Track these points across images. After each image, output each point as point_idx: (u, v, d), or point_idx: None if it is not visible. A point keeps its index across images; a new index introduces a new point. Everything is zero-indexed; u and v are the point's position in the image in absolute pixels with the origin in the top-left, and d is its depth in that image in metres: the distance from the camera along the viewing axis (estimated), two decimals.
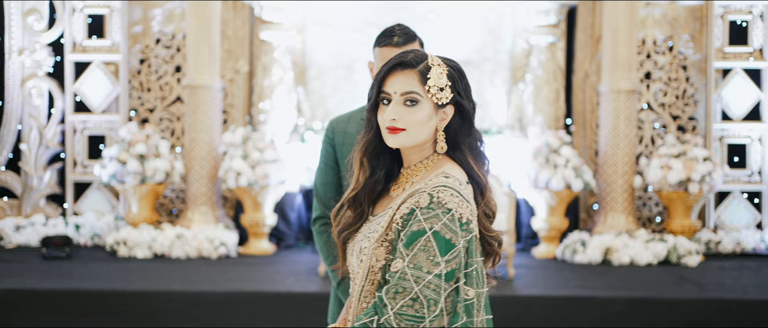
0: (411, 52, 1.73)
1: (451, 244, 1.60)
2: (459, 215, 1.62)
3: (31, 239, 6.59)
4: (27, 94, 6.99)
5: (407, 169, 1.77)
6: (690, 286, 5.19)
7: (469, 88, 1.76)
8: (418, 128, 1.69)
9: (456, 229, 1.61)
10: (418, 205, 1.62)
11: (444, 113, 1.72)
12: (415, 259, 1.59)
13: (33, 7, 6.98)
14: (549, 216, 6.45)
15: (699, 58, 6.94)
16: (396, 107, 1.70)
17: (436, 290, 1.58)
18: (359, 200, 1.78)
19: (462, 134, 1.74)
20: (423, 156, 1.75)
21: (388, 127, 1.70)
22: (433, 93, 1.69)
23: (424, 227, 1.60)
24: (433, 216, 1.60)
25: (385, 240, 1.68)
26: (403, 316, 1.57)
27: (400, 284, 1.58)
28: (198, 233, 6.21)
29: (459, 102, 1.73)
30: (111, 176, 6.34)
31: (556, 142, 6.43)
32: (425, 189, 1.64)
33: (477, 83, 7.03)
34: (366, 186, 1.78)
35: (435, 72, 1.70)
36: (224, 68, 6.93)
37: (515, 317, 4.66)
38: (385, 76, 1.72)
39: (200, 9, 6.52)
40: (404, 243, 1.61)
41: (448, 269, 1.60)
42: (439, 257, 1.59)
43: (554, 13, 6.90)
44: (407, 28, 2.36)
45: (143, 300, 4.80)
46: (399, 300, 1.58)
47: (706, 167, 6.24)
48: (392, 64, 1.72)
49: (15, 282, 5.06)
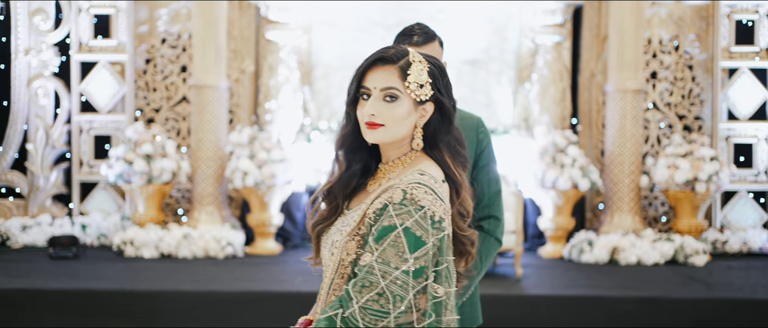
0: (392, 47, 1.72)
1: (422, 241, 1.59)
2: (432, 213, 1.61)
3: (37, 239, 6.59)
4: (33, 94, 7.00)
5: (385, 164, 1.76)
6: (698, 285, 5.18)
7: (449, 87, 1.75)
8: (397, 124, 1.68)
9: (427, 226, 1.60)
10: (391, 200, 1.61)
11: (424, 110, 1.71)
12: (383, 254, 1.58)
13: (39, 7, 6.99)
14: (555, 216, 6.45)
15: (705, 57, 6.93)
16: (375, 103, 1.68)
17: (402, 287, 1.57)
18: (334, 194, 1.77)
19: (441, 132, 1.73)
20: (401, 152, 1.74)
21: (367, 123, 1.69)
22: (413, 89, 1.68)
23: (396, 222, 1.59)
24: (405, 212, 1.59)
25: (356, 234, 1.67)
26: (368, 310, 1.56)
27: (367, 278, 1.57)
28: (205, 233, 6.21)
29: (439, 100, 1.72)
30: (118, 176, 6.34)
31: (562, 141, 6.43)
32: (399, 185, 1.63)
33: (483, 83, 7.03)
34: (341, 180, 1.77)
35: (415, 68, 1.69)
36: (230, 68, 6.93)
37: (524, 316, 4.66)
38: (365, 71, 1.71)
39: (206, 9, 6.52)
40: (374, 238, 1.60)
41: (417, 266, 1.58)
42: (408, 254, 1.57)
43: (560, 13, 6.90)
44: (427, 28, 2.35)
45: (151, 300, 4.79)
46: (365, 294, 1.56)
47: (713, 167, 6.23)
48: (372, 59, 1.71)
49: (23, 282, 5.06)
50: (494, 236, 2.34)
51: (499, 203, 2.36)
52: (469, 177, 2.36)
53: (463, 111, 2.44)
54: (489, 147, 2.38)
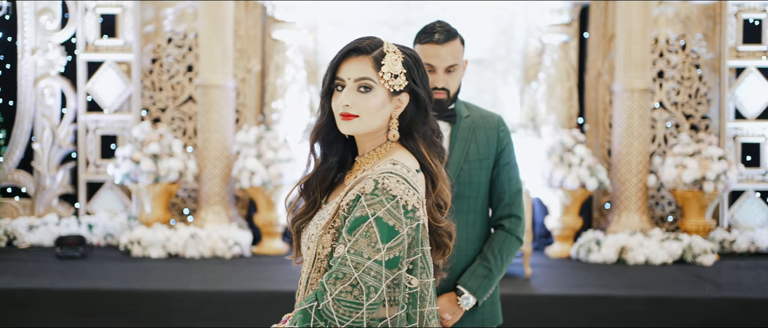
0: (367, 38, 1.72)
1: (395, 231, 1.57)
2: (404, 202, 1.59)
3: (44, 239, 6.59)
4: (39, 93, 6.99)
5: (361, 157, 1.75)
6: (708, 285, 5.17)
7: (425, 77, 1.74)
8: (372, 115, 1.67)
9: (400, 216, 1.58)
10: (363, 191, 1.60)
11: (399, 101, 1.70)
12: (356, 245, 1.56)
13: (45, 6, 6.98)
14: (563, 215, 6.44)
15: (712, 56, 6.92)
16: (349, 94, 1.68)
17: (376, 277, 1.55)
18: (311, 188, 1.77)
19: (417, 123, 1.72)
20: (377, 144, 1.73)
21: (342, 114, 1.68)
22: (387, 79, 1.67)
23: (367, 212, 1.57)
24: (376, 202, 1.58)
25: (332, 227, 1.66)
26: (342, 302, 1.54)
27: (340, 269, 1.56)
28: (212, 233, 6.20)
29: (414, 90, 1.71)
30: (124, 176, 6.34)
31: (570, 141, 6.42)
32: (371, 176, 1.62)
33: (490, 82, 7.01)
34: (317, 174, 1.76)
35: (389, 59, 1.68)
36: (236, 68, 6.92)
37: (535, 316, 4.65)
38: (339, 62, 1.70)
39: (213, 8, 6.51)
40: (347, 229, 1.59)
41: (390, 256, 1.57)
42: (381, 244, 1.56)
43: (567, 12, 6.89)
44: (448, 26, 2.35)
45: (161, 300, 4.78)
46: (338, 286, 1.55)
47: (721, 166, 6.22)
48: (346, 50, 1.70)
49: (31, 282, 5.05)
50: (515, 235, 2.33)
51: (520, 201, 2.35)
52: (490, 176, 2.35)
53: (483, 110, 2.44)
54: (510, 145, 2.37)
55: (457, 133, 2.33)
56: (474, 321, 2.29)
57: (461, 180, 2.30)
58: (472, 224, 2.31)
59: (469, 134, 2.33)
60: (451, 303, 2.25)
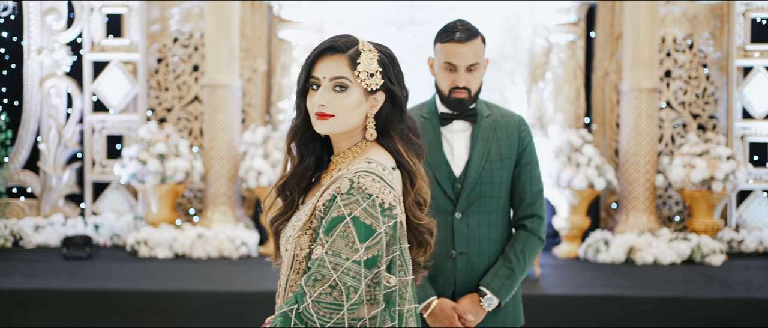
0: (343, 37, 1.70)
1: (372, 230, 1.56)
2: (381, 201, 1.58)
3: (50, 239, 6.57)
4: (45, 93, 6.97)
5: (337, 156, 1.73)
6: (718, 285, 5.15)
7: (401, 75, 1.73)
8: (347, 114, 1.66)
9: (377, 214, 1.57)
10: (339, 191, 1.59)
11: (374, 100, 1.69)
12: (333, 245, 1.55)
13: (51, 6, 6.97)
14: (571, 215, 6.42)
15: (719, 56, 6.90)
16: (325, 93, 1.66)
17: (355, 277, 1.54)
18: (288, 189, 1.75)
19: (393, 121, 1.71)
20: (352, 143, 1.72)
21: (317, 113, 1.67)
22: (363, 78, 1.66)
23: (344, 212, 1.56)
24: (352, 202, 1.56)
25: (309, 228, 1.65)
26: (322, 304, 1.53)
27: (318, 271, 1.54)
28: (219, 233, 6.18)
29: (390, 89, 1.69)
30: (131, 176, 6.32)
31: (578, 140, 6.40)
32: (346, 175, 1.61)
33: (497, 82, 6.99)
34: (295, 174, 1.75)
35: (365, 57, 1.67)
36: (242, 67, 6.91)
37: (545, 316, 4.63)
38: (315, 60, 1.69)
39: (219, 8, 6.49)
40: (324, 230, 1.58)
41: (368, 255, 1.56)
42: (359, 243, 1.55)
43: (574, 12, 6.87)
44: (469, 24, 2.33)
45: (169, 300, 4.77)
46: (318, 288, 1.53)
47: (729, 166, 6.20)
48: (322, 48, 1.68)
49: (39, 282, 5.03)
50: (537, 236, 2.32)
51: (542, 201, 2.34)
52: (511, 175, 2.33)
53: (504, 109, 2.42)
54: (531, 145, 2.36)
55: (479, 133, 2.32)
56: (496, 322, 2.28)
57: (483, 180, 2.29)
58: (494, 224, 2.30)
59: (491, 134, 2.32)
60: (474, 304, 2.23)
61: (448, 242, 2.30)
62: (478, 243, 2.28)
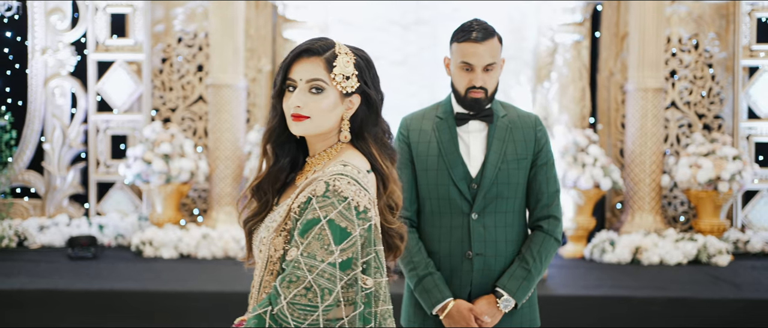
0: (319, 39, 1.72)
1: (347, 232, 1.57)
2: (356, 204, 1.59)
3: (54, 240, 6.55)
4: (50, 93, 6.96)
5: (312, 157, 1.75)
6: (725, 285, 5.14)
7: (377, 79, 1.75)
8: (323, 116, 1.68)
9: (352, 217, 1.58)
10: (315, 193, 1.60)
11: (350, 102, 1.70)
12: (309, 247, 1.56)
13: (56, 6, 6.95)
14: (576, 215, 6.41)
15: (725, 56, 6.89)
16: (301, 94, 1.68)
17: (330, 279, 1.55)
18: (263, 189, 1.76)
19: (368, 124, 1.73)
20: (327, 145, 1.73)
21: (293, 115, 1.68)
22: (339, 81, 1.67)
23: (319, 215, 1.57)
24: (328, 204, 1.58)
25: (283, 230, 1.66)
26: (296, 305, 1.54)
27: (293, 273, 1.55)
28: (224, 233, 6.17)
29: (365, 92, 1.71)
30: (136, 176, 6.31)
31: (584, 141, 6.38)
32: (322, 177, 1.62)
33: (502, 82, 6.96)
34: (269, 175, 1.76)
35: (341, 60, 1.68)
36: (247, 67, 6.89)
37: (553, 317, 4.61)
38: (291, 62, 1.70)
39: (224, 8, 6.48)
40: (299, 232, 1.59)
41: (344, 257, 1.57)
42: (334, 246, 1.56)
43: (579, 12, 6.85)
44: (485, 24, 2.32)
45: (174, 300, 4.76)
46: (292, 289, 1.54)
47: (735, 166, 6.18)
48: (298, 50, 1.70)
49: (45, 282, 5.02)
50: (553, 236, 2.30)
51: (558, 202, 2.32)
52: (527, 176, 2.32)
53: (520, 109, 2.41)
54: (547, 145, 2.34)
55: (495, 133, 2.30)
56: (513, 323, 2.26)
57: (499, 180, 2.27)
58: (510, 224, 2.28)
59: (507, 134, 2.31)
60: (491, 305, 2.22)
61: (464, 243, 2.29)
62: (494, 244, 2.26)
